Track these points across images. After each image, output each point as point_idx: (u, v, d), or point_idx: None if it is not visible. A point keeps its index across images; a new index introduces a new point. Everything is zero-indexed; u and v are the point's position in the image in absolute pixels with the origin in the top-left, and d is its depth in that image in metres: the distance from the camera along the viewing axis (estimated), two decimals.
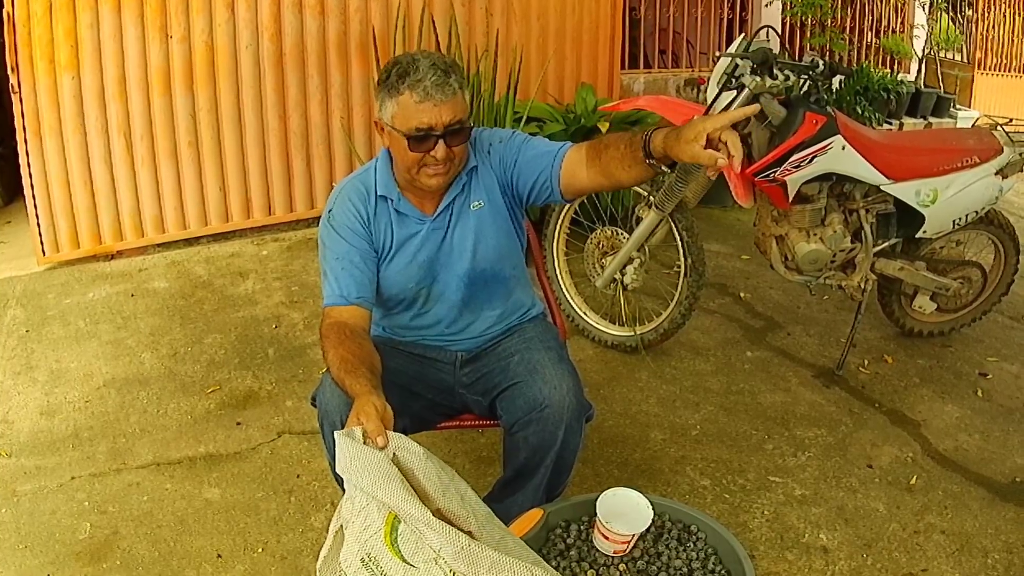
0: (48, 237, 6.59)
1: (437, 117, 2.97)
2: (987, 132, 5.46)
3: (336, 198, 3.31)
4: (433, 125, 2.98)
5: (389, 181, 3.27)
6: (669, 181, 5.05)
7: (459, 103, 3.02)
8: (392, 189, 3.27)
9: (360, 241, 3.24)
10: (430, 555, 2.22)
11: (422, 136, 2.99)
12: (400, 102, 3.00)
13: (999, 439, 4.89)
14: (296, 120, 7.33)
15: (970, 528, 4.10)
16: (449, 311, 3.47)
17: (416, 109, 2.97)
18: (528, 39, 8.21)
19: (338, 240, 3.23)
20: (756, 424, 4.90)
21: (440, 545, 2.18)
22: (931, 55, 13.15)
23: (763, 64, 4.70)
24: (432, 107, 2.96)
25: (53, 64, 6.23)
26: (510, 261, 3.49)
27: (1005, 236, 5.72)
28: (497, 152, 3.34)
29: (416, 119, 2.97)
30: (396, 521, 2.28)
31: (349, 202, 3.27)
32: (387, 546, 2.28)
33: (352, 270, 3.19)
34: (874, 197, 5.16)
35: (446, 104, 2.97)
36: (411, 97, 2.96)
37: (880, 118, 10.85)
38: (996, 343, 6.11)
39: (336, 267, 3.20)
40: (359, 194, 3.28)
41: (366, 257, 3.24)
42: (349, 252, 3.21)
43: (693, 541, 2.79)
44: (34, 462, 4.33)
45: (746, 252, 7.50)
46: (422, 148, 3.02)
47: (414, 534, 2.25)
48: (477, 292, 3.45)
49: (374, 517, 2.30)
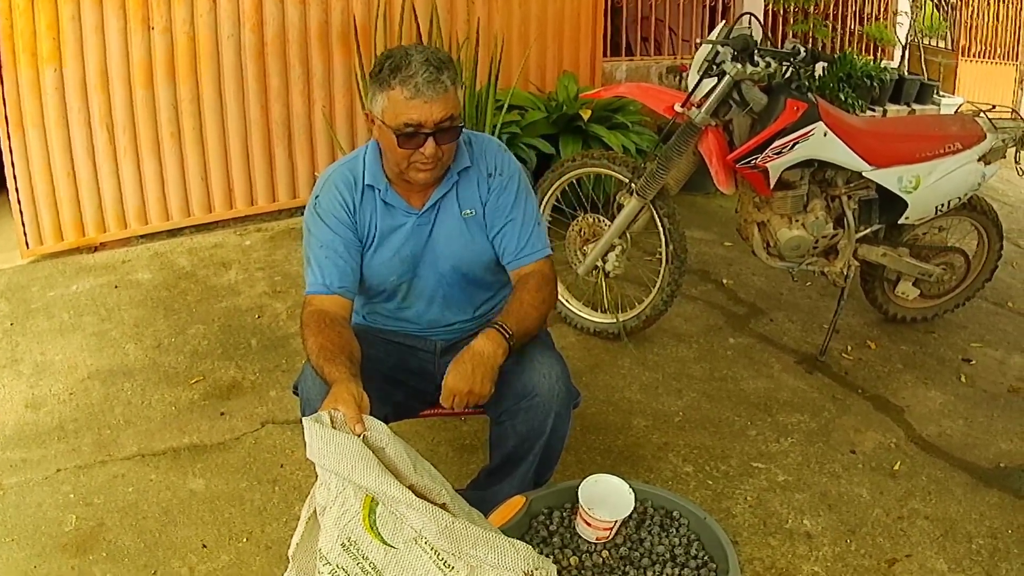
0: (31, 230, 6.57)
1: (427, 114, 2.95)
2: (970, 119, 5.47)
3: (323, 185, 3.30)
4: (423, 122, 2.95)
5: (377, 171, 3.26)
6: (651, 168, 5.07)
7: (451, 100, 3.00)
8: (380, 179, 3.25)
9: (345, 230, 3.23)
10: (410, 535, 2.23)
11: (411, 133, 2.97)
12: (390, 97, 2.98)
13: (983, 424, 4.92)
14: (278, 110, 7.31)
15: (954, 513, 4.12)
16: (428, 307, 3.47)
17: (406, 105, 2.94)
18: (510, 27, 8.20)
19: (323, 228, 3.22)
20: (739, 410, 4.91)
21: (422, 524, 2.19)
22: (915, 42, 13.18)
23: (744, 51, 4.73)
24: (422, 104, 2.93)
25: (35, 57, 6.21)
26: (491, 269, 3.48)
27: (988, 222, 5.74)
28: (496, 187, 3.34)
29: (406, 115, 2.95)
30: (374, 504, 2.29)
31: (336, 190, 3.25)
32: (367, 529, 2.29)
33: (336, 259, 3.19)
34: (856, 183, 5.18)
35: (437, 101, 2.95)
36: (401, 93, 2.94)
37: (863, 105, 10.88)
38: (980, 329, 6.14)
39: (320, 255, 3.20)
40: (346, 182, 3.26)
41: (350, 246, 3.23)
42: (333, 241, 3.21)
43: (676, 527, 2.81)
44: (19, 455, 4.32)
45: (728, 239, 7.51)
46: (411, 145, 3.00)
47: (392, 515, 2.26)
48: (457, 293, 3.46)
49: (351, 501, 2.31)
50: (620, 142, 7.34)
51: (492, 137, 3.49)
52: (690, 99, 4.90)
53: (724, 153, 4.94)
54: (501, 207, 3.33)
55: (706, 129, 4.94)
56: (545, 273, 3.34)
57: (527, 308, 3.19)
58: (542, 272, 3.34)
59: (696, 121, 4.87)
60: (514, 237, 3.34)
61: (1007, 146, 5.42)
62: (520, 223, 3.34)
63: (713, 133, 4.96)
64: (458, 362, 3.02)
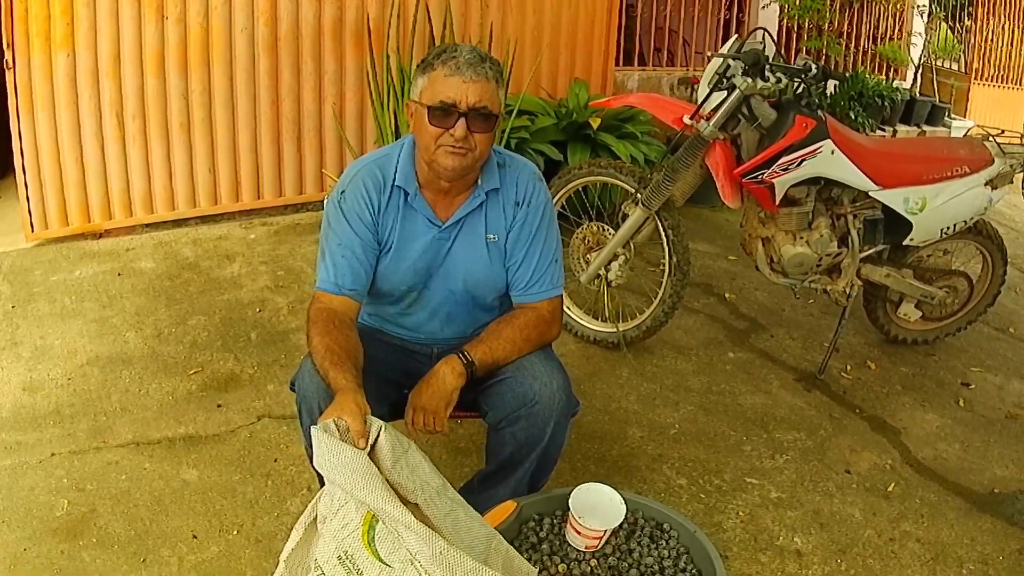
0: (37, 213, 6.58)
1: (463, 94, 2.96)
2: (978, 142, 5.47)
3: (351, 180, 3.27)
4: (457, 101, 2.96)
5: (410, 172, 3.24)
6: (657, 179, 5.07)
7: (489, 89, 3.01)
8: (411, 182, 3.24)
9: (366, 231, 3.21)
10: (406, 556, 2.23)
11: (445, 110, 2.98)
12: (431, 77, 3.02)
13: (979, 450, 4.91)
14: (288, 105, 7.32)
15: (946, 538, 4.12)
16: (430, 320, 3.47)
17: (444, 83, 2.97)
18: (523, 32, 8.20)
19: (344, 225, 3.21)
20: (735, 425, 4.91)
21: (418, 548, 2.19)
22: (928, 63, 13.16)
23: (755, 66, 4.73)
24: (460, 83, 2.96)
25: (48, 41, 6.22)
26: (501, 295, 3.48)
27: (993, 247, 5.74)
28: (521, 217, 3.34)
29: (443, 92, 2.97)
30: (374, 520, 2.29)
31: (363, 187, 3.23)
32: (364, 545, 2.29)
33: (351, 260, 3.18)
34: (862, 203, 5.18)
35: (475, 83, 2.97)
36: (442, 71, 2.98)
37: (874, 124, 10.85)
38: (980, 353, 6.13)
39: (336, 253, 3.19)
40: (375, 181, 3.24)
41: (367, 249, 3.22)
42: (352, 241, 3.19)
43: (665, 539, 2.81)
44: (14, 437, 4.33)
45: (732, 253, 7.51)
46: (443, 123, 2.99)
47: (391, 534, 2.25)
48: (461, 312, 3.46)
49: (352, 515, 2.31)
50: (628, 152, 7.35)
51: (529, 163, 3.46)
52: (699, 112, 4.90)
53: (731, 167, 4.94)
54: (522, 239, 3.33)
55: (714, 142, 4.94)
56: (542, 314, 3.35)
57: (503, 342, 3.22)
58: (540, 313, 3.35)
59: (704, 134, 4.87)
60: (527, 271, 3.34)
61: (1015, 171, 5.42)
62: (536, 258, 3.35)
63: (721, 147, 4.96)
64: (419, 383, 3.13)
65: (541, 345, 3.34)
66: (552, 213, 3.44)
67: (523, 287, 3.36)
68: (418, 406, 3.09)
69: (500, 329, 3.25)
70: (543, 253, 3.36)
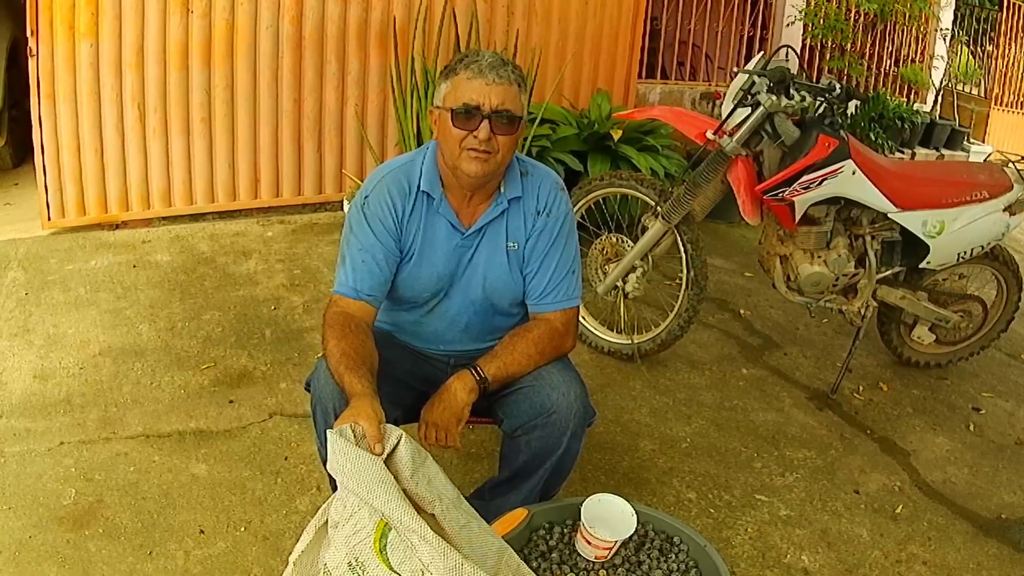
0: (55, 202, 6.60)
1: (486, 97, 2.97)
2: (998, 168, 5.46)
3: (375, 186, 3.27)
4: (480, 104, 2.98)
5: (434, 177, 3.24)
6: (678, 193, 5.07)
7: (511, 92, 3.02)
8: (436, 187, 3.24)
9: (388, 238, 3.21)
10: (418, 566, 2.22)
11: (468, 112, 2.99)
12: (454, 81, 3.04)
13: (988, 475, 4.90)
14: (311, 104, 7.33)
15: (952, 561, 4.10)
16: (449, 330, 3.46)
17: (467, 86, 2.99)
18: (547, 41, 8.21)
19: (367, 231, 3.21)
20: (746, 441, 4.90)
21: (430, 560, 2.17)
22: (948, 87, 13.15)
23: (780, 83, 4.72)
24: (484, 85, 2.98)
25: (72, 30, 6.23)
26: (520, 303, 3.47)
27: (1009, 273, 5.72)
28: (540, 225, 3.32)
29: (466, 95, 2.99)
30: (386, 528, 2.28)
31: (388, 193, 3.23)
32: (375, 553, 2.28)
33: (372, 266, 3.17)
34: (881, 224, 5.17)
35: (498, 86, 2.99)
36: (465, 74, 3.01)
37: (893, 146, 10.87)
38: (992, 379, 6.12)
39: (357, 258, 3.18)
40: (399, 187, 3.24)
41: (389, 256, 3.22)
42: (374, 247, 3.19)
43: (675, 552, 2.80)
44: (24, 424, 4.33)
45: (749, 269, 7.50)
46: (466, 126, 3.00)
47: (403, 543, 2.24)
48: (481, 321, 3.45)
49: (365, 522, 2.30)
50: (649, 164, 7.34)
51: (552, 172, 3.45)
52: (723, 127, 4.90)
53: (752, 184, 4.94)
54: (540, 247, 3.32)
55: (736, 158, 4.93)
56: (556, 327, 3.33)
57: (516, 356, 3.21)
58: (553, 325, 3.33)
59: (727, 150, 4.87)
60: (543, 280, 3.33)
61: None
62: (554, 268, 3.33)
63: (743, 163, 4.95)
64: (432, 398, 3.14)
65: (556, 358, 3.32)
66: (572, 224, 3.43)
67: (538, 296, 3.35)
68: (430, 421, 3.09)
69: (514, 343, 3.24)
70: (560, 263, 3.34)
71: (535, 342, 3.24)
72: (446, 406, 3.07)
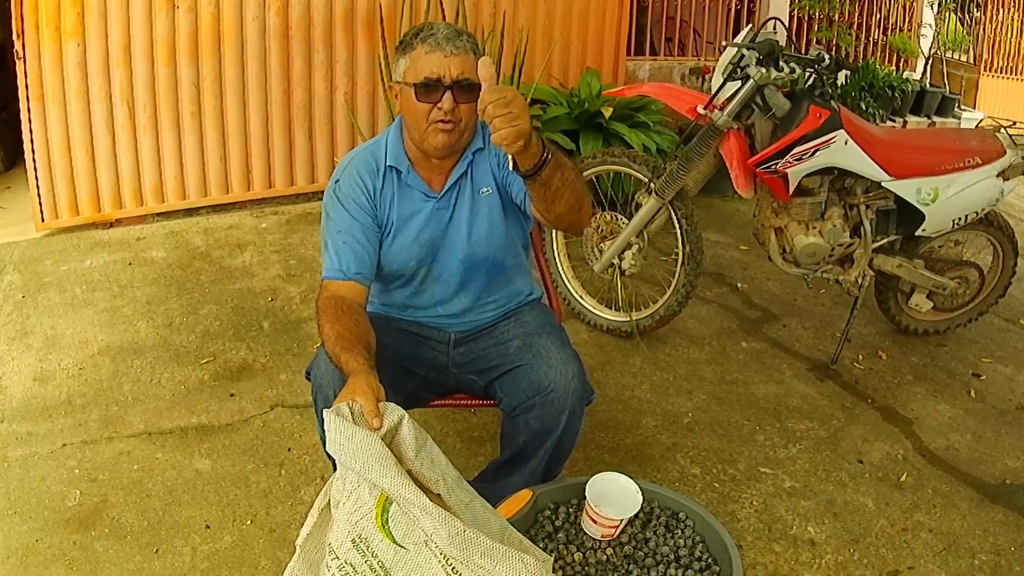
0: (47, 203, 6.58)
1: (446, 68, 3.00)
2: (990, 134, 5.46)
3: (344, 169, 3.32)
4: (441, 76, 3.00)
5: (399, 152, 3.28)
6: (671, 168, 5.06)
7: (470, 62, 3.04)
8: (402, 160, 3.28)
9: (364, 215, 3.24)
10: (421, 538, 2.22)
11: (430, 85, 3.02)
12: (412, 56, 3.06)
13: (990, 440, 4.90)
14: (300, 94, 7.32)
15: (958, 528, 4.11)
16: (445, 293, 3.47)
17: (426, 60, 3.02)
18: (535, 21, 8.19)
19: (342, 212, 3.24)
20: (748, 414, 4.90)
21: (433, 530, 2.17)
22: (937, 55, 13.13)
23: (769, 56, 4.72)
24: (442, 58, 3.00)
25: (59, 31, 6.22)
26: (511, 250, 3.50)
27: (1004, 238, 5.72)
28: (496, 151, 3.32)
29: (426, 69, 3.01)
30: (388, 503, 2.28)
31: (357, 174, 3.28)
32: (378, 528, 2.28)
33: (353, 244, 3.19)
34: (875, 193, 5.16)
35: (456, 57, 3.01)
36: (422, 49, 3.03)
37: (884, 115, 10.85)
38: (991, 344, 6.12)
39: (338, 240, 3.20)
40: (368, 167, 3.29)
41: (368, 232, 3.24)
42: (352, 226, 3.22)
43: (681, 528, 2.80)
44: (26, 428, 4.33)
45: (745, 242, 7.50)
46: (429, 98, 3.04)
47: (405, 516, 2.24)
48: (475, 277, 3.46)
49: (365, 498, 2.29)
50: (641, 141, 7.34)
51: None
52: (713, 101, 4.90)
53: (745, 157, 4.94)
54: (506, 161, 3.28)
55: (728, 132, 4.93)
56: None
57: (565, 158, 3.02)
58: None
59: (718, 124, 4.87)
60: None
61: None
62: None
63: (735, 136, 4.95)
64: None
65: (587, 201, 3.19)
66: None
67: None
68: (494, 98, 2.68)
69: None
70: None
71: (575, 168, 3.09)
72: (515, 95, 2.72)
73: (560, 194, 2.97)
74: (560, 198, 2.99)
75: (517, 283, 3.61)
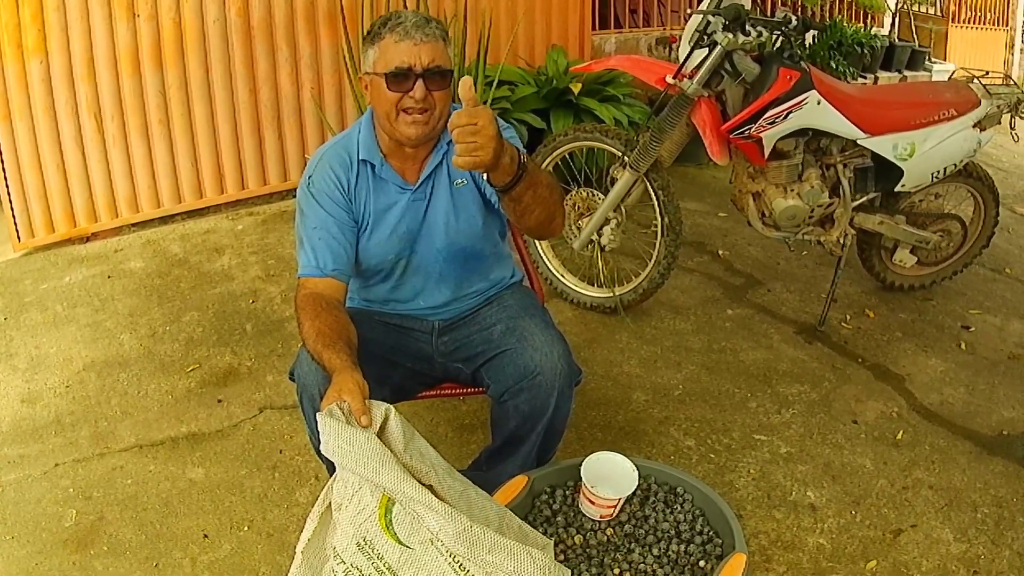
0: (22, 222, 6.54)
1: (416, 57, 2.98)
2: (964, 85, 5.45)
3: (316, 164, 3.29)
4: (412, 64, 2.98)
5: (372, 144, 3.26)
6: (643, 140, 5.05)
7: (440, 48, 3.04)
8: (375, 153, 3.25)
9: (339, 210, 3.22)
10: (426, 536, 2.21)
11: (401, 75, 2.99)
12: (381, 46, 3.03)
13: (984, 392, 4.91)
14: (266, 93, 7.28)
15: (958, 483, 4.12)
16: (426, 284, 3.46)
17: (395, 49, 2.99)
18: (497, 3, 8.13)
19: (316, 208, 3.21)
20: (739, 382, 4.90)
21: (439, 527, 2.17)
22: (904, 9, 13.14)
23: (735, 20, 4.70)
24: (412, 46, 2.98)
25: (20, 48, 6.16)
26: (489, 239, 3.49)
27: (984, 188, 5.72)
28: None
29: (397, 59, 2.99)
30: (390, 503, 2.27)
31: (330, 169, 3.25)
32: (383, 528, 2.27)
33: (329, 240, 3.17)
34: (851, 152, 5.16)
35: (426, 44, 2.99)
36: (391, 38, 3.00)
37: (855, 72, 10.86)
38: (978, 295, 6.13)
39: (313, 236, 3.18)
40: (340, 161, 3.26)
41: (344, 227, 3.22)
42: (327, 221, 3.19)
43: (680, 503, 2.80)
44: (17, 451, 4.31)
45: (723, 209, 7.49)
46: (401, 88, 3.01)
47: (409, 515, 2.24)
48: (455, 268, 3.44)
49: (368, 500, 2.29)
50: (612, 115, 7.32)
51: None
52: (682, 70, 4.88)
53: (717, 124, 4.93)
54: None
55: (699, 100, 4.92)
56: None
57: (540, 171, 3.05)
58: None
59: (688, 92, 4.85)
60: None
61: (1002, 112, 5.41)
62: None
63: (706, 104, 4.94)
64: None
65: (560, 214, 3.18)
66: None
67: None
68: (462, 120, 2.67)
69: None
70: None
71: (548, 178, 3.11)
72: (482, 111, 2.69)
73: (530, 209, 2.98)
74: (530, 213, 2.99)
75: (498, 270, 3.59)
